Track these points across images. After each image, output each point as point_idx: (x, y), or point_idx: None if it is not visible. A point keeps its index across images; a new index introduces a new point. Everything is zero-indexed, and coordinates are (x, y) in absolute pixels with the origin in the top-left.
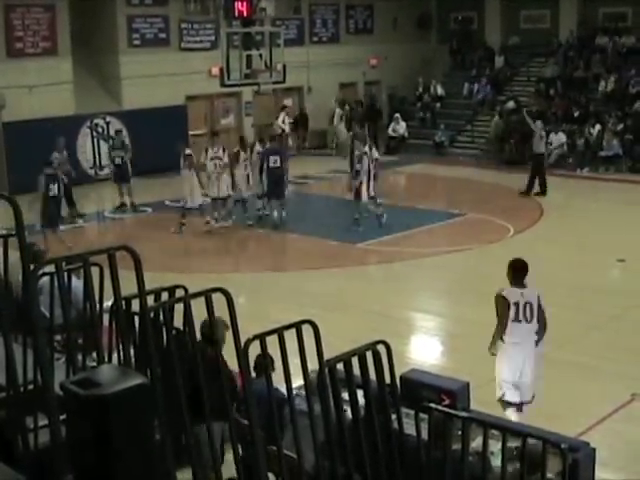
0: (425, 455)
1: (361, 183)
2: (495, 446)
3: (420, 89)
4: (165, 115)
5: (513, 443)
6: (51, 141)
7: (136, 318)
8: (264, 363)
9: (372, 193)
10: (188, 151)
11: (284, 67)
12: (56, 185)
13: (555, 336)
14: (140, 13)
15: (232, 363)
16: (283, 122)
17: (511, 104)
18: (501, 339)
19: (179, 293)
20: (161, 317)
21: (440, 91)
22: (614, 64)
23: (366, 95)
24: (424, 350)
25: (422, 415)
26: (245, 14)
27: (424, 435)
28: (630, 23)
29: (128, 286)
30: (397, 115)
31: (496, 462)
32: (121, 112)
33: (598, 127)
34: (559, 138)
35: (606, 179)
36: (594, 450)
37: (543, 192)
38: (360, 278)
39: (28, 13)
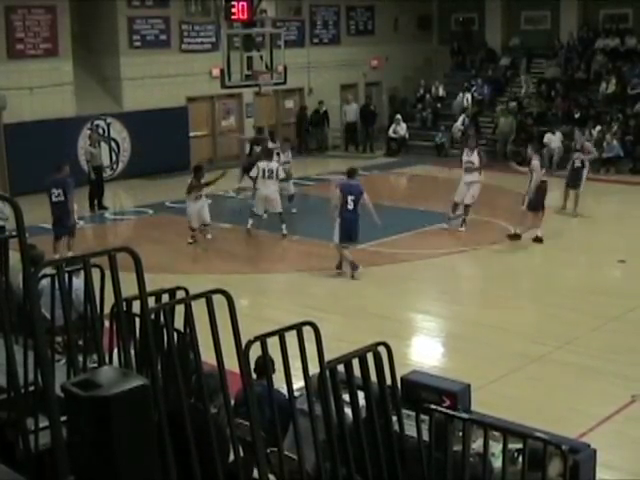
0: (426, 456)
1: None
2: (496, 447)
3: (421, 90)
4: (166, 116)
5: (514, 444)
6: (52, 142)
7: (137, 319)
8: (265, 364)
9: None
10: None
11: (285, 68)
12: None
13: (556, 337)
14: (141, 14)
15: (233, 364)
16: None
17: (513, 105)
18: None
19: (180, 295)
20: (162, 318)
21: (442, 92)
22: (615, 65)
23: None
24: (425, 351)
25: (423, 416)
26: (245, 16)
27: (425, 436)
28: (631, 24)
29: (129, 287)
30: (398, 116)
31: (497, 463)
32: (122, 113)
33: (598, 128)
34: (557, 137)
35: (607, 180)
36: (595, 451)
37: None
38: (361, 280)
39: (29, 14)
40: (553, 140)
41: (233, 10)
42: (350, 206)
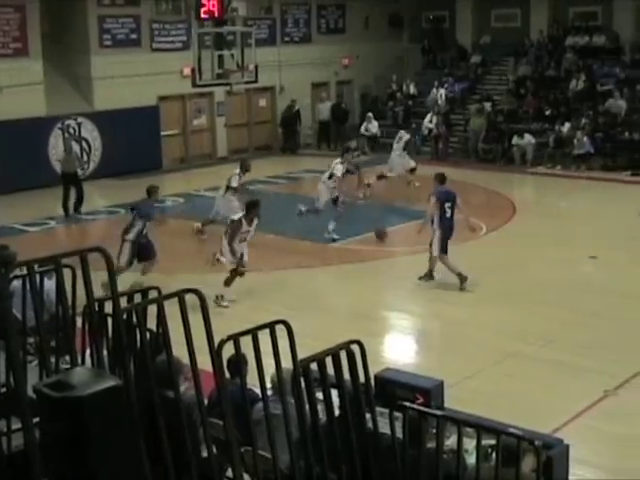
0: (400, 454)
1: None
2: (470, 444)
3: (394, 86)
4: (137, 116)
5: (488, 441)
6: (23, 142)
7: (109, 320)
8: (237, 363)
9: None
10: None
11: (256, 67)
12: None
13: (531, 333)
14: (111, 13)
15: (206, 363)
16: None
17: (487, 104)
18: None
19: (152, 294)
20: (134, 319)
21: (413, 90)
22: (585, 63)
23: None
24: (398, 349)
25: (396, 414)
26: (216, 15)
27: (399, 434)
28: (600, 22)
29: (100, 288)
30: (369, 114)
31: (471, 460)
32: (93, 113)
33: (568, 125)
34: (527, 140)
35: (578, 177)
36: (568, 447)
37: None
38: (333, 278)
39: None
40: (521, 142)
41: (204, 9)
42: (448, 214)
